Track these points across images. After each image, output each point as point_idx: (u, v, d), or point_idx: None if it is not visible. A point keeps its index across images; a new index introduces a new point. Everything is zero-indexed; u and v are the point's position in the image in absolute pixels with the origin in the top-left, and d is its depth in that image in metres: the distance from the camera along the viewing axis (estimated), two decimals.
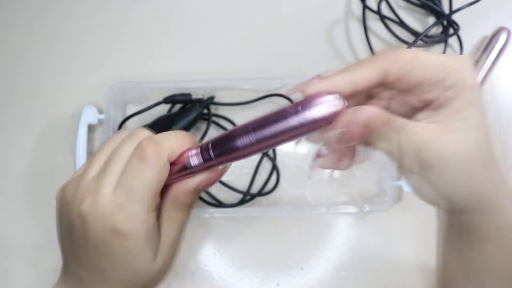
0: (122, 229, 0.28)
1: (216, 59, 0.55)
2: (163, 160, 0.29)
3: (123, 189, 0.29)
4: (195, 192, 0.31)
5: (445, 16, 0.53)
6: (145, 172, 0.28)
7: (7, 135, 0.53)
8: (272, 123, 0.27)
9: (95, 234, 0.29)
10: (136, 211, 0.28)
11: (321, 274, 0.49)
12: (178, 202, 0.31)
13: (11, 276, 0.50)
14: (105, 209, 0.28)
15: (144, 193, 0.28)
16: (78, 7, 0.57)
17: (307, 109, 0.26)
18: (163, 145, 0.29)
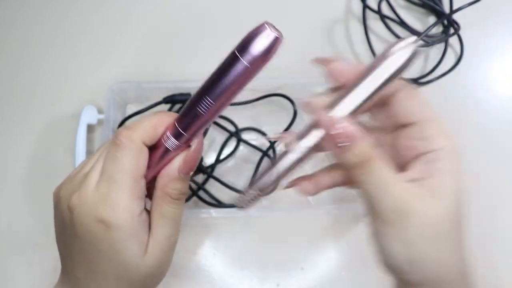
0: (105, 218, 0.28)
1: (216, 59, 0.55)
2: (136, 143, 0.29)
3: (104, 179, 0.29)
4: (179, 180, 0.30)
5: (445, 15, 0.53)
6: (121, 158, 0.29)
7: (7, 135, 0.53)
8: (219, 78, 0.27)
9: (82, 227, 0.29)
10: (118, 199, 0.28)
11: (321, 274, 0.49)
12: (165, 194, 0.30)
13: (11, 276, 0.50)
14: (90, 200, 0.29)
15: (123, 179, 0.29)
16: (78, 7, 0.57)
17: (247, 50, 0.26)
18: (136, 129, 0.29)
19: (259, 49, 0.26)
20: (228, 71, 0.27)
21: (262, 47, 0.26)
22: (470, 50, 0.55)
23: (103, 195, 0.29)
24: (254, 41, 0.26)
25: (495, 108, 0.54)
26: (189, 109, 0.29)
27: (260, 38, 0.26)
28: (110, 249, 0.29)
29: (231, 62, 0.27)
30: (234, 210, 0.49)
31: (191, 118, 0.29)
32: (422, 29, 0.55)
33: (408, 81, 0.28)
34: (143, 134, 0.29)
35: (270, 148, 0.51)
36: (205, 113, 0.28)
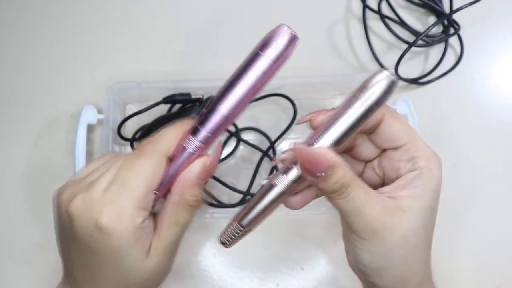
0: (106, 226, 0.28)
1: (216, 59, 0.55)
2: (159, 154, 0.29)
3: (116, 183, 0.29)
4: (198, 185, 0.30)
5: (445, 15, 0.53)
6: (140, 165, 0.29)
7: (6, 135, 0.53)
8: (242, 75, 0.28)
9: (81, 232, 0.29)
10: (125, 206, 0.28)
11: (321, 275, 0.49)
12: (183, 201, 0.30)
13: (11, 276, 0.50)
14: (93, 205, 0.28)
15: (136, 186, 0.28)
16: (78, 7, 0.57)
17: (268, 48, 0.28)
18: (159, 140, 0.30)
19: (280, 47, 0.28)
20: (250, 69, 0.28)
21: (282, 45, 0.28)
22: (470, 50, 0.55)
23: (110, 199, 0.28)
24: (274, 39, 0.28)
25: (495, 108, 0.54)
26: (211, 108, 0.29)
27: (280, 36, 0.28)
28: (110, 255, 0.29)
29: (253, 60, 0.28)
30: (234, 210, 0.49)
31: (214, 116, 0.29)
32: (422, 29, 0.55)
33: (388, 107, 0.30)
34: (165, 146, 0.30)
35: (270, 148, 0.51)
36: (228, 111, 0.29)
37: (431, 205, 0.29)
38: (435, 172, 0.30)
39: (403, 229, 0.29)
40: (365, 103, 0.27)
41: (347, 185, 0.28)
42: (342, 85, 0.52)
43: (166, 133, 0.30)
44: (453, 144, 0.52)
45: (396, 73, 0.52)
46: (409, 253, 0.29)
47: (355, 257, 0.31)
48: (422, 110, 0.52)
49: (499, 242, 0.50)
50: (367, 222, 0.28)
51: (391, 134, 0.30)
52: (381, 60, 0.54)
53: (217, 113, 0.29)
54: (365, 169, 0.34)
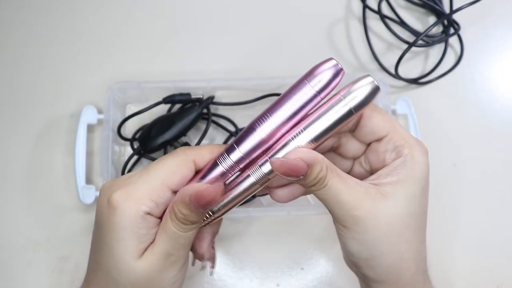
0: (114, 201, 0.29)
1: (216, 59, 0.55)
2: (187, 156, 0.30)
3: (141, 171, 0.30)
4: (188, 207, 0.28)
5: (445, 15, 0.53)
6: (166, 160, 0.30)
7: (6, 135, 0.53)
8: (285, 101, 0.29)
9: (98, 207, 0.30)
10: (136, 190, 0.29)
11: (321, 275, 0.49)
12: (173, 212, 0.29)
13: (11, 276, 0.50)
14: (115, 184, 0.30)
15: (155, 176, 0.30)
16: (78, 7, 0.57)
17: (314, 78, 0.28)
18: (193, 148, 0.31)
19: (325, 79, 0.28)
20: (293, 96, 0.29)
21: (328, 77, 0.28)
22: (470, 50, 0.55)
23: (129, 182, 0.30)
24: (321, 71, 0.28)
25: (495, 108, 0.54)
26: (249, 129, 0.29)
27: (327, 69, 0.28)
28: (109, 234, 0.29)
29: (298, 88, 0.29)
30: (234, 210, 0.49)
31: (250, 138, 0.29)
32: (422, 29, 0.55)
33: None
34: (198, 154, 0.31)
35: None
36: (266, 134, 0.29)
37: (416, 192, 0.29)
38: (420, 158, 0.30)
39: (387, 215, 0.29)
40: (345, 106, 0.28)
41: (325, 178, 0.28)
42: (342, 85, 0.52)
43: (203, 145, 0.32)
44: (453, 144, 0.52)
45: (396, 72, 0.52)
46: (398, 241, 0.29)
47: (345, 248, 0.31)
48: (422, 110, 0.52)
49: (499, 242, 0.50)
50: (347, 210, 0.29)
51: (371, 127, 0.31)
52: (381, 60, 0.54)
53: (255, 136, 0.29)
54: (353, 166, 0.34)
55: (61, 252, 0.49)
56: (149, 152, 0.50)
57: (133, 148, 0.50)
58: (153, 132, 0.49)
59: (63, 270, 0.49)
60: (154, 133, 0.48)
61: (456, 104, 0.54)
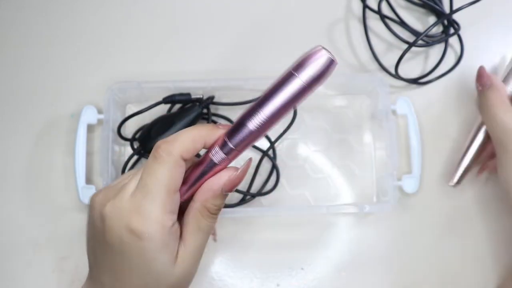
0: (137, 229, 0.29)
1: (216, 59, 0.55)
2: (174, 157, 0.29)
3: (139, 189, 0.29)
4: (221, 196, 0.31)
5: (445, 15, 0.53)
6: (157, 170, 0.29)
7: (6, 135, 0.53)
8: (274, 95, 0.28)
9: (113, 234, 0.29)
10: (151, 211, 0.29)
11: (321, 275, 0.49)
12: (205, 209, 0.31)
13: (11, 276, 0.50)
14: (123, 209, 0.29)
15: (157, 191, 0.29)
16: (78, 7, 0.57)
17: (302, 69, 0.27)
18: (174, 142, 0.30)
19: (315, 71, 0.27)
20: (284, 89, 0.28)
21: (318, 69, 0.26)
22: (470, 50, 0.55)
23: (136, 204, 0.29)
24: (311, 62, 0.27)
25: None
26: (241, 124, 0.29)
27: (316, 60, 0.26)
28: (140, 258, 0.29)
29: (287, 80, 0.27)
30: (234, 210, 0.49)
31: (242, 132, 0.29)
32: (422, 29, 0.55)
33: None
34: (181, 148, 0.30)
35: (270, 148, 0.51)
36: (257, 128, 0.29)
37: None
38: None
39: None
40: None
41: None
42: (342, 84, 0.52)
43: (182, 134, 0.30)
44: (453, 144, 0.52)
45: (396, 73, 0.52)
46: None
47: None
48: (422, 110, 0.52)
49: (499, 242, 0.50)
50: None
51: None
52: (381, 60, 0.54)
53: (245, 130, 0.29)
54: None
55: (61, 252, 0.49)
56: (149, 152, 0.50)
57: (133, 148, 0.50)
58: (153, 132, 0.49)
59: (63, 270, 0.49)
60: (154, 133, 0.49)
61: (456, 103, 0.54)
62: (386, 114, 0.49)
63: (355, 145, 0.52)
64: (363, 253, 0.50)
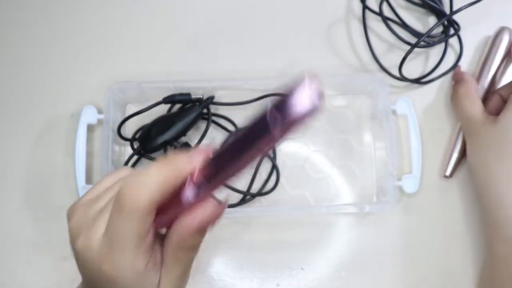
0: (110, 275, 0.27)
1: (216, 59, 0.55)
2: (143, 207, 0.26)
3: (107, 237, 0.28)
4: (200, 233, 0.29)
5: (446, 15, 0.52)
6: (123, 222, 0.26)
7: (6, 135, 0.53)
8: (245, 151, 0.24)
9: (87, 272, 0.29)
10: (120, 259, 0.27)
11: (321, 275, 0.49)
12: (185, 244, 0.29)
13: (11, 276, 0.50)
14: (94, 254, 0.28)
15: (126, 241, 0.27)
16: (78, 7, 0.57)
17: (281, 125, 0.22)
18: (144, 187, 0.26)
19: (298, 122, 0.21)
20: (257, 146, 0.24)
21: (301, 120, 0.21)
22: (469, 50, 0.55)
23: (106, 254, 0.27)
24: (296, 114, 0.21)
25: None
26: (214, 167, 0.26)
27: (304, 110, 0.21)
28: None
29: (261, 135, 0.23)
30: (234, 210, 0.49)
31: (216, 178, 0.26)
32: (422, 29, 0.55)
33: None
34: (149, 197, 0.26)
35: (270, 148, 0.51)
36: (228, 176, 0.26)
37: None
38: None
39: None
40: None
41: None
42: (342, 84, 0.52)
43: (148, 177, 0.26)
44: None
45: (400, 73, 0.52)
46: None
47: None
48: (422, 109, 0.53)
49: None
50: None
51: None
52: (381, 61, 0.54)
53: (219, 176, 0.26)
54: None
55: (61, 252, 0.49)
56: (149, 152, 0.50)
57: (133, 148, 0.50)
58: (153, 132, 0.49)
59: (63, 270, 0.49)
60: (154, 133, 0.49)
61: None
62: (386, 114, 0.49)
63: (355, 145, 0.52)
64: (363, 253, 0.50)
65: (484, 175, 0.44)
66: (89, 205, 0.30)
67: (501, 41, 0.52)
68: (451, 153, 0.50)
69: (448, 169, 0.50)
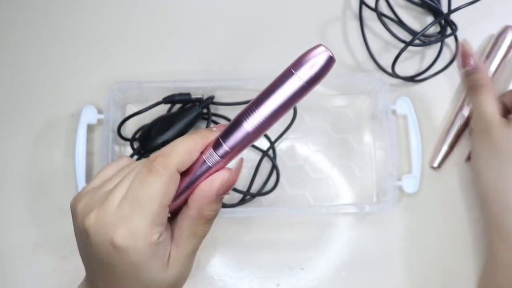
0: (121, 245, 0.27)
1: (216, 59, 0.55)
2: (171, 170, 0.28)
3: (128, 200, 0.28)
4: (217, 201, 0.30)
5: (443, 15, 0.52)
6: (152, 183, 0.28)
7: (6, 135, 0.53)
8: (272, 93, 0.27)
9: (98, 249, 0.28)
10: (139, 225, 0.28)
11: (321, 275, 0.49)
12: (202, 217, 0.30)
13: (11, 276, 0.50)
14: (108, 222, 0.28)
15: (149, 204, 0.28)
16: (78, 7, 0.57)
17: (301, 67, 0.26)
18: (171, 155, 0.28)
19: (315, 68, 0.26)
20: (282, 88, 0.27)
21: (318, 67, 0.26)
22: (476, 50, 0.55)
23: (124, 217, 0.28)
24: (310, 59, 0.26)
25: None
26: (235, 123, 0.28)
27: (316, 57, 0.26)
28: (129, 269, 0.29)
29: (285, 79, 0.27)
30: (234, 210, 0.49)
31: (237, 133, 0.28)
32: (419, 28, 0.55)
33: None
34: (177, 161, 0.28)
35: (270, 148, 0.51)
36: (254, 128, 0.28)
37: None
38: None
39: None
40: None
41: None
42: (342, 84, 0.53)
43: (178, 145, 0.29)
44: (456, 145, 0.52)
45: (393, 71, 0.52)
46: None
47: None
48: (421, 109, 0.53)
49: None
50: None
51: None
52: (378, 59, 0.54)
53: (241, 130, 0.28)
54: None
55: (61, 252, 0.49)
56: (149, 152, 0.50)
57: (133, 148, 0.50)
58: (153, 132, 0.49)
59: (63, 270, 0.49)
60: (154, 133, 0.49)
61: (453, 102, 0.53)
62: (386, 114, 0.49)
63: (355, 145, 0.52)
64: (363, 253, 0.50)
65: (493, 179, 0.43)
66: (96, 190, 0.31)
67: (504, 40, 0.52)
68: (441, 145, 0.51)
69: (436, 160, 0.50)
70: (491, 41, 0.53)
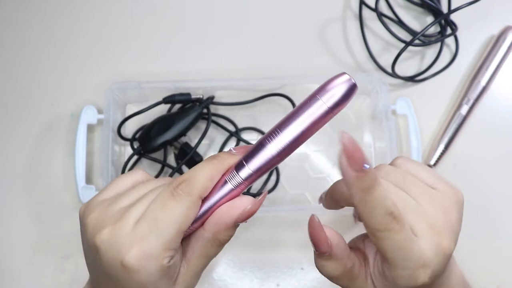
0: (132, 265, 0.27)
1: (216, 59, 0.55)
2: (194, 197, 0.28)
3: (147, 221, 0.28)
4: (234, 227, 0.30)
5: (443, 15, 0.53)
6: (174, 207, 0.28)
7: (6, 135, 0.53)
8: (297, 118, 0.28)
9: (107, 264, 0.28)
10: (154, 247, 0.27)
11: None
12: (216, 239, 0.30)
13: (11, 276, 0.50)
14: (122, 241, 0.28)
15: (168, 228, 0.28)
16: (78, 7, 0.57)
17: (326, 93, 0.27)
18: (194, 182, 0.28)
19: (338, 95, 0.27)
20: (305, 112, 0.28)
21: (341, 93, 0.27)
22: (465, 49, 0.55)
23: (139, 237, 0.27)
24: (334, 86, 0.27)
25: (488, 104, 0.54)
26: (260, 146, 0.28)
27: (340, 84, 0.27)
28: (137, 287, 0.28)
29: (311, 104, 0.28)
30: None
31: (261, 155, 0.28)
32: (419, 28, 0.55)
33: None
34: (201, 188, 0.28)
35: None
36: (278, 151, 0.28)
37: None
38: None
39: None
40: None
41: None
42: None
43: (202, 172, 0.29)
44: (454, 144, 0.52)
45: (393, 71, 0.52)
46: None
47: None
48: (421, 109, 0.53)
49: (499, 242, 0.50)
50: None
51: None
52: (378, 59, 0.54)
53: (265, 152, 0.28)
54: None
55: (61, 252, 0.49)
56: (149, 152, 0.50)
57: (133, 148, 0.50)
58: (153, 132, 0.49)
59: (63, 270, 0.49)
60: (154, 133, 0.49)
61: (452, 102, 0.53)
62: (386, 114, 0.49)
63: None
64: None
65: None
66: (110, 203, 0.30)
67: (504, 40, 0.52)
68: (438, 143, 0.51)
69: (433, 158, 0.51)
70: (491, 42, 0.53)
